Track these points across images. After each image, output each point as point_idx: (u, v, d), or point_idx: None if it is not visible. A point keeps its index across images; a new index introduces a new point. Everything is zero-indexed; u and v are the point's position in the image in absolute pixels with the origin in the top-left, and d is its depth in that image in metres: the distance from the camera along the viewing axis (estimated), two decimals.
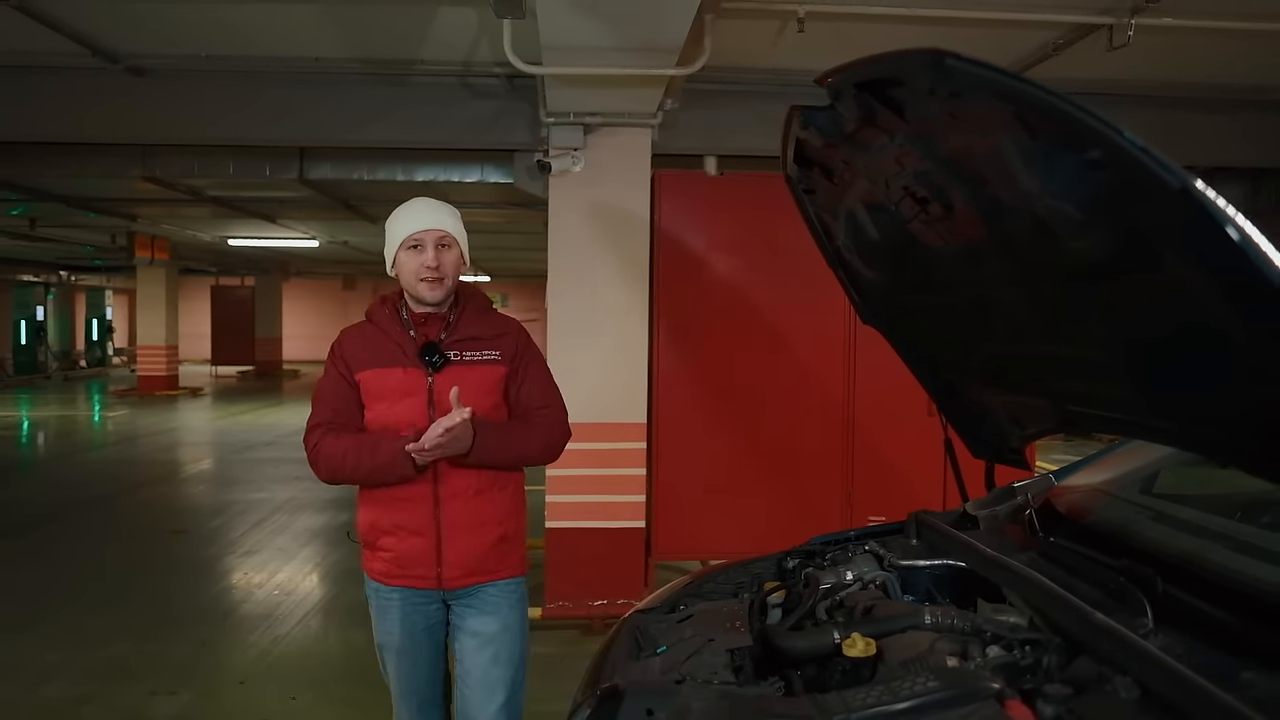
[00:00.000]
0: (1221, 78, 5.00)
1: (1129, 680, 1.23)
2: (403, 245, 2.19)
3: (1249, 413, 1.26)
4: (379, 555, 2.25)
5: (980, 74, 1.12)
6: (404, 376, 2.19)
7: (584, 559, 4.70)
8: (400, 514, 2.19)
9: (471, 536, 2.20)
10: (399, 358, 2.20)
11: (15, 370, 20.81)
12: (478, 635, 2.25)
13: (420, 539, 2.19)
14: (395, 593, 2.24)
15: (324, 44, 4.71)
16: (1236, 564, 1.52)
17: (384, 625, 2.28)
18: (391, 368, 2.19)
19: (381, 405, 2.20)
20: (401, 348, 2.21)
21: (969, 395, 2.13)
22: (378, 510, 2.23)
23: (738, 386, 4.78)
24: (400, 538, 2.20)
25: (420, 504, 2.18)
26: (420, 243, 2.17)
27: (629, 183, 4.70)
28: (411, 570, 2.21)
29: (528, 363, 2.30)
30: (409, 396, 2.18)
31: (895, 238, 1.79)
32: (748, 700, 1.43)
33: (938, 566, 1.89)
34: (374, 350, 2.22)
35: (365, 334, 2.27)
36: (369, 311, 2.32)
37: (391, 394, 2.19)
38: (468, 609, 2.26)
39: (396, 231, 2.21)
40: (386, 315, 2.26)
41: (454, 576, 2.21)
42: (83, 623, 4.63)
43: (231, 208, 9.76)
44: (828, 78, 1.46)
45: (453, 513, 2.19)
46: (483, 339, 2.25)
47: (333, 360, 2.26)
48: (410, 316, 2.24)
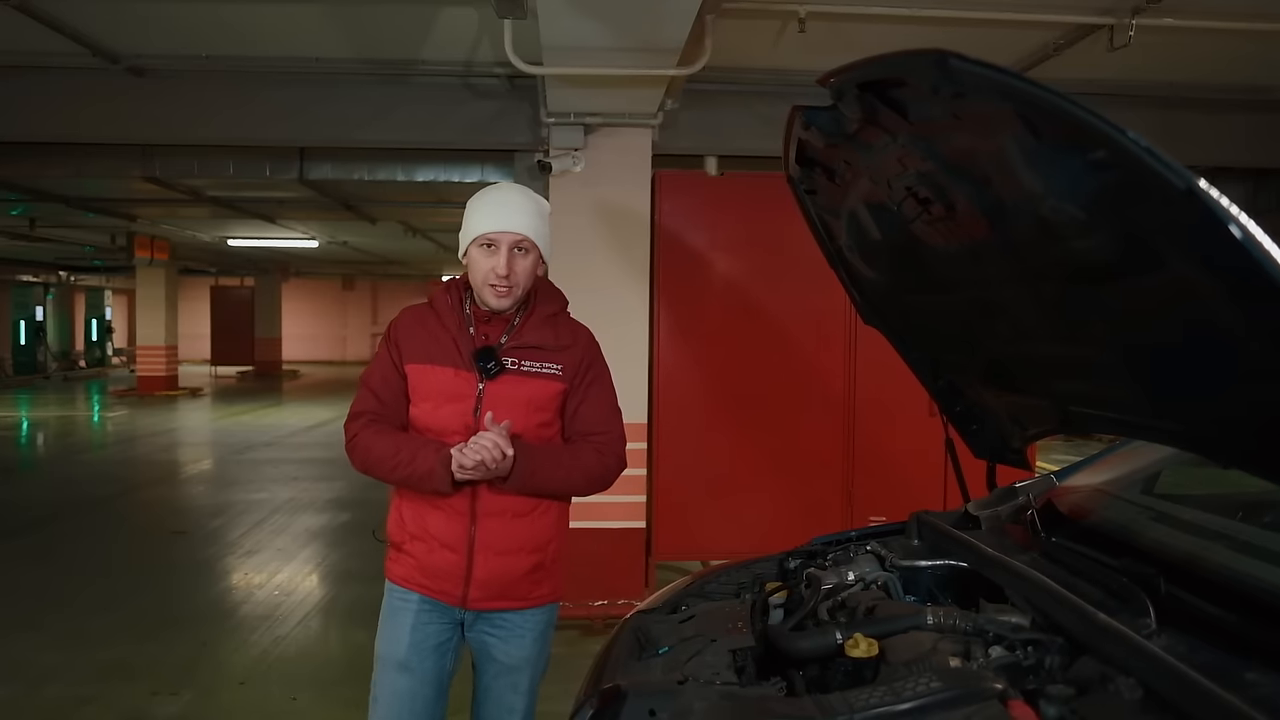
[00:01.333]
0: (1222, 78, 5.00)
1: (1132, 681, 1.23)
2: (476, 240, 1.99)
3: (1251, 413, 1.26)
4: (403, 559, 2.08)
5: (984, 74, 1.12)
6: (454, 378, 2.01)
7: (584, 559, 4.68)
8: (433, 522, 2.03)
9: (504, 560, 2.03)
10: (453, 356, 2.01)
11: (15, 370, 20.81)
12: (500, 662, 2.11)
13: (450, 554, 2.02)
14: (413, 597, 2.07)
15: (324, 44, 4.71)
16: (1239, 564, 1.52)
17: (391, 631, 2.08)
18: (443, 366, 2.01)
19: (425, 405, 2.03)
20: (457, 345, 2.02)
21: (970, 395, 2.12)
22: (411, 511, 2.06)
23: (738, 387, 4.78)
24: (430, 547, 2.03)
25: (456, 517, 2.01)
26: (495, 243, 1.97)
27: (629, 183, 4.70)
28: (435, 583, 2.04)
29: (591, 381, 2.11)
30: (455, 401, 2.00)
31: (897, 238, 1.79)
32: (750, 701, 1.42)
33: (939, 567, 1.89)
34: (428, 342, 2.04)
35: (423, 321, 2.08)
36: (432, 296, 2.12)
37: (437, 395, 2.01)
38: (489, 635, 2.10)
39: (473, 224, 2.01)
40: (448, 305, 2.06)
41: (480, 598, 2.04)
42: (83, 623, 4.63)
43: (231, 208, 9.76)
44: (830, 78, 1.46)
45: (488, 532, 2.01)
46: (546, 349, 2.05)
47: (386, 343, 2.08)
48: (474, 312, 2.06)
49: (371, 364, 2.12)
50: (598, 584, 4.68)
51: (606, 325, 4.64)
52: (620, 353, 4.71)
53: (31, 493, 8.48)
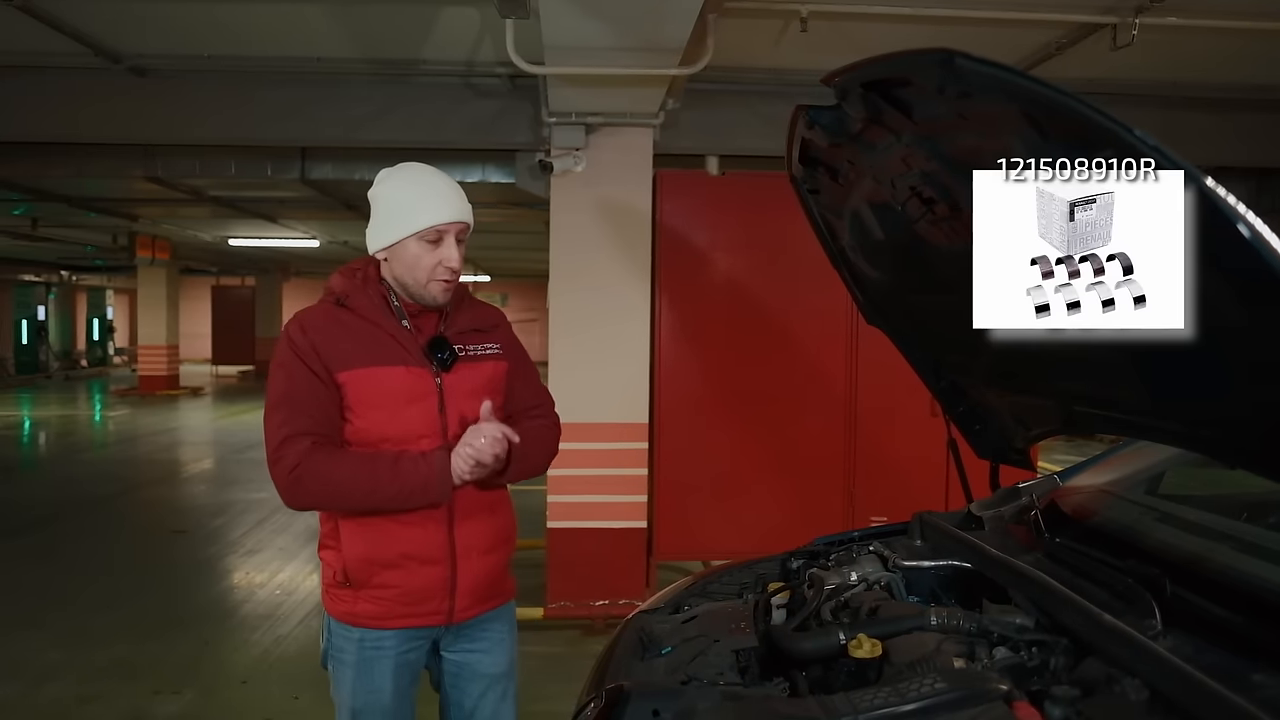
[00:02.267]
0: (1226, 77, 4.99)
1: (1137, 682, 1.23)
2: (418, 234, 1.81)
3: (1256, 413, 1.26)
4: (377, 595, 1.84)
5: (991, 73, 1.12)
6: (407, 377, 1.82)
7: (586, 559, 4.70)
8: (409, 541, 1.82)
9: (487, 559, 1.91)
10: (399, 354, 1.83)
11: (16, 370, 20.82)
12: (485, 676, 1.98)
13: (433, 568, 1.85)
14: (390, 637, 1.86)
15: (326, 44, 4.71)
16: (1244, 565, 1.52)
17: (367, 683, 1.86)
18: (391, 366, 1.81)
19: (378, 413, 1.81)
20: (399, 342, 1.84)
21: (973, 395, 2.12)
22: (373, 543, 1.82)
23: (740, 386, 4.77)
24: (409, 570, 1.83)
25: (433, 527, 1.84)
26: (443, 235, 1.83)
27: (631, 183, 4.69)
28: (419, 608, 1.85)
29: (520, 357, 2.02)
30: (416, 402, 1.83)
31: (900, 238, 1.78)
32: (753, 701, 1.42)
33: (942, 567, 1.88)
34: (361, 344, 1.82)
35: (344, 325, 1.84)
36: (340, 294, 1.87)
37: (393, 399, 1.81)
38: (470, 649, 1.96)
39: (410, 214, 1.82)
40: (372, 302, 1.85)
41: (465, 607, 1.90)
42: (85, 622, 4.63)
43: (232, 208, 9.76)
44: (834, 77, 1.46)
45: (468, 534, 1.87)
46: (483, 330, 1.95)
47: (297, 353, 1.79)
48: (403, 305, 1.87)
49: (282, 380, 1.80)
50: (599, 584, 4.68)
51: (608, 324, 4.71)
52: (621, 352, 4.77)
53: (33, 492, 8.48)
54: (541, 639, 4.36)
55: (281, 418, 1.78)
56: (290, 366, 1.80)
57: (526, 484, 2.34)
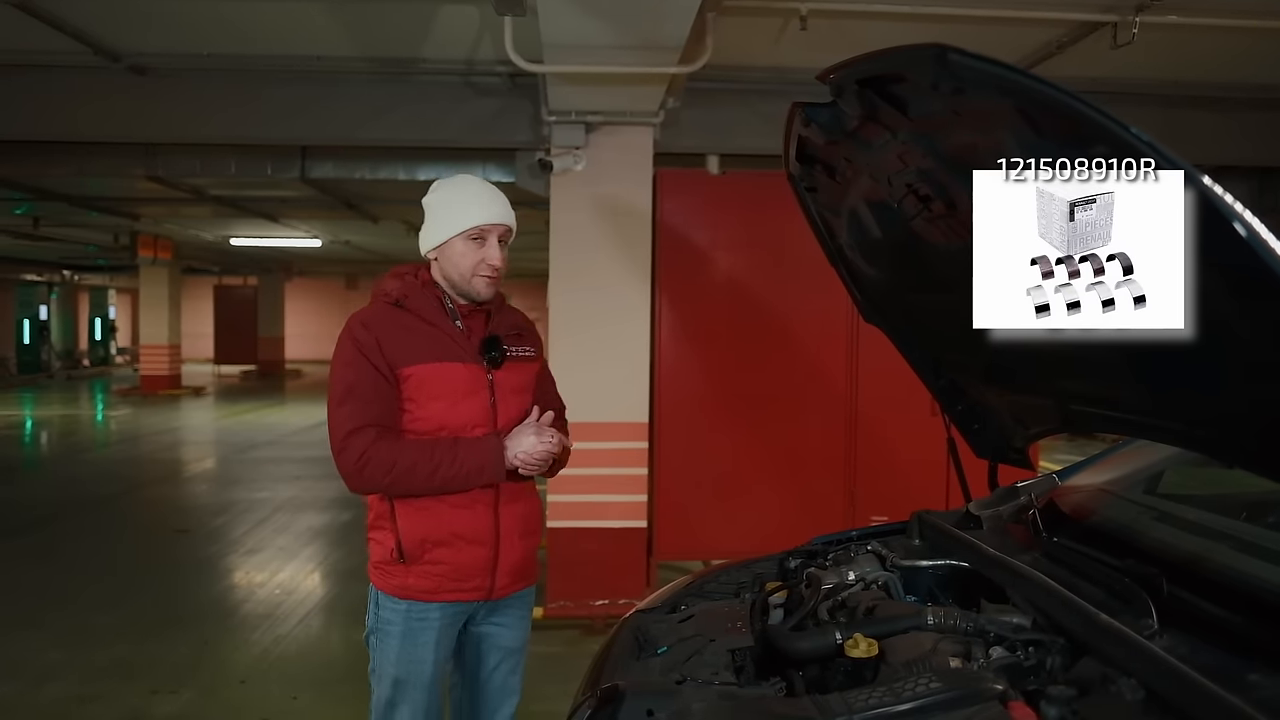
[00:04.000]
0: (1226, 76, 4.98)
1: (1133, 682, 1.22)
2: (463, 234, 2.01)
3: (1254, 412, 1.25)
4: (426, 570, 2.01)
5: (984, 69, 1.11)
6: (465, 373, 2.02)
7: (585, 559, 4.69)
8: (459, 522, 2.01)
9: (525, 542, 2.12)
10: (456, 352, 2.02)
11: (19, 369, 20.85)
12: (503, 648, 2.18)
13: (479, 548, 2.03)
14: (435, 610, 2.03)
15: (326, 42, 4.71)
16: (1241, 564, 1.51)
17: (411, 653, 2.03)
18: (449, 363, 2.00)
19: (438, 404, 2.00)
20: (455, 340, 2.03)
21: (972, 394, 2.11)
22: (430, 521, 2.00)
23: (740, 386, 4.77)
24: (457, 548, 2.01)
25: (481, 510, 2.03)
26: (485, 235, 2.02)
27: (631, 181, 4.69)
28: (464, 583, 2.04)
29: (544, 360, 2.26)
30: (472, 395, 2.02)
31: (898, 235, 1.78)
32: (749, 701, 1.42)
33: (940, 567, 1.88)
34: (423, 342, 2.00)
35: (404, 324, 2.02)
36: (398, 295, 2.05)
37: (453, 393, 2.00)
38: (498, 621, 2.15)
39: (456, 216, 2.02)
40: (428, 304, 2.04)
41: (505, 585, 2.10)
42: (85, 622, 4.63)
43: (234, 207, 9.77)
44: (830, 74, 1.45)
45: (510, 517, 2.08)
46: (523, 333, 2.16)
47: (361, 349, 1.97)
48: (456, 307, 2.07)
49: (348, 375, 1.98)
50: (598, 583, 4.68)
51: (608, 324, 4.70)
52: (621, 351, 4.76)
53: (35, 491, 8.49)
54: (541, 638, 4.30)
55: (348, 411, 1.96)
56: (355, 363, 1.98)
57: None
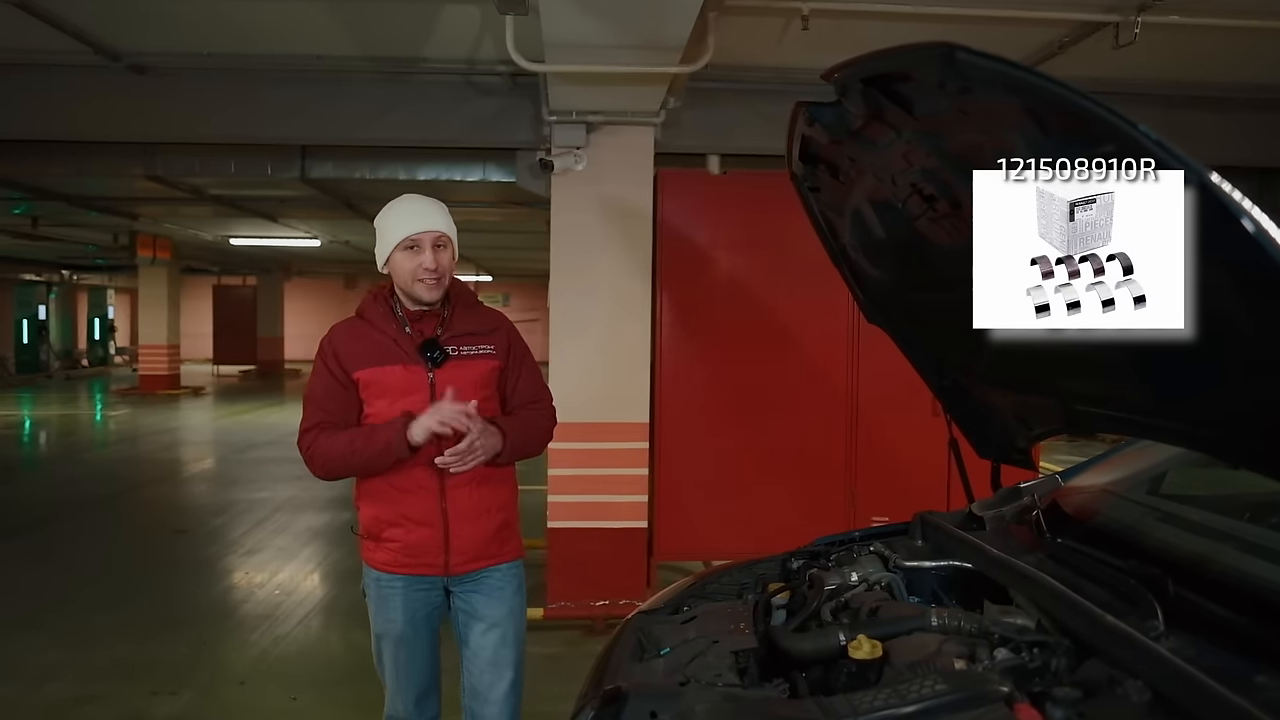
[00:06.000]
0: (1229, 76, 4.97)
1: (1139, 683, 1.21)
2: (399, 245, 2.21)
3: (1259, 411, 1.24)
4: (384, 546, 2.27)
5: (992, 68, 1.11)
6: (404, 373, 2.22)
7: (586, 559, 4.68)
8: (405, 506, 2.23)
9: (477, 524, 2.26)
10: (397, 355, 2.23)
11: (17, 369, 20.82)
12: (485, 619, 2.31)
13: (427, 529, 2.23)
14: (399, 580, 2.27)
15: (326, 42, 4.70)
16: (1247, 566, 1.50)
17: (384, 614, 2.30)
18: (391, 365, 2.22)
19: (382, 403, 2.22)
20: (399, 344, 2.24)
21: (975, 395, 2.11)
22: (380, 505, 2.26)
23: (741, 386, 4.76)
24: (407, 529, 2.23)
25: (425, 495, 2.22)
26: (418, 244, 2.20)
27: (632, 182, 4.68)
28: (419, 559, 2.25)
29: (520, 358, 2.37)
30: (410, 394, 2.21)
31: (901, 235, 1.77)
32: (752, 702, 1.41)
33: (943, 568, 1.87)
34: (370, 348, 2.24)
35: (358, 331, 2.28)
36: (361, 308, 2.33)
37: (392, 391, 2.22)
38: (473, 594, 2.31)
39: (392, 231, 2.23)
40: (380, 313, 2.28)
41: (460, 563, 2.26)
42: (84, 622, 4.62)
43: (233, 207, 9.76)
44: (834, 73, 1.45)
45: (458, 502, 2.23)
46: (477, 334, 2.30)
47: (323, 359, 2.27)
48: (405, 314, 2.27)
49: (311, 382, 2.29)
50: (599, 584, 4.66)
51: (608, 324, 4.70)
52: (622, 351, 4.75)
53: (33, 491, 8.48)
54: (541, 639, 4.33)
55: (305, 413, 2.27)
56: (317, 371, 2.29)
57: (527, 484, 2.40)
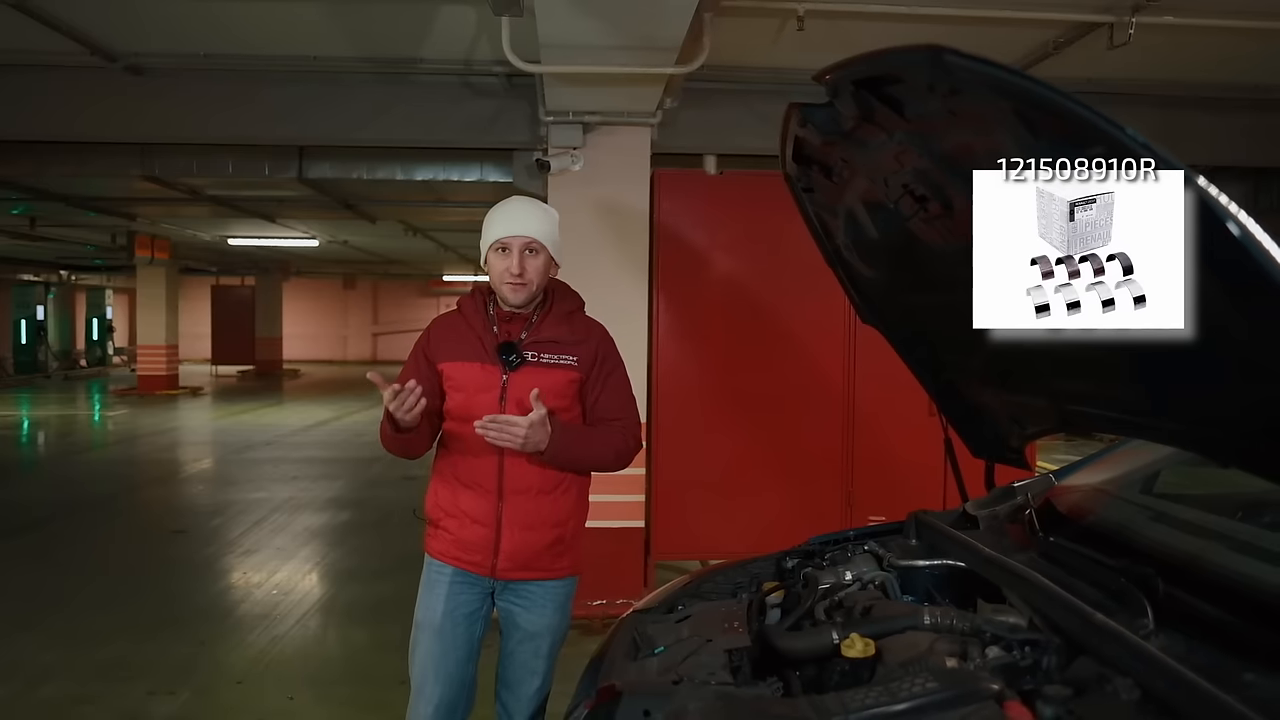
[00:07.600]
0: (1223, 77, 4.99)
1: (1129, 681, 1.22)
2: (492, 246, 2.25)
3: (1250, 412, 1.25)
4: (440, 534, 2.32)
5: (980, 70, 1.11)
6: (480, 372, 2.25)
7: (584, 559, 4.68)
8: (465, 500, 2.27)
9: (529, 534, 2.26)
10: (478, 352, 2.26)
11: (15, 369, 20.79)
12: (524, 629, 2.33)
13: (481, 528, 2.25)
14: (447, 569, 2.30)
15: (323, 43, 4.70)
16: (1238, 564, 1.51)
17: (428, 600, 2.32)
18: (470, 361, 2.26)
19: (459, 396, 2.28)
20: (482, 342, 2.27)
21: (969, 395, 2.12)
22: (446, 490, 2.30)
23: (737, 386, 4.77)
24: (462, 523, 2.27)
25: (485, 495, 2.25)
26: (507, 246, 2.23)
27: (628, 182, 4.69)
28: (467, 555, 2.28)
29: (608, 373, 2.35)
30: (483, 392, 2.24)
31: (894, 236, 1.78)
32: (745, 701, 1.42)
33: (937, 567, 1.88)
34: (457, 342, 2.30)
35: (452, 325, 2.34)
36: (460, 302, 2.39)
37: (468, 387, 2.26)
38: (514, 605, 2.32)
39: (488, 232, 2.28)
40: (473, 309, 2.33)
41: (508, 568, 2.27)
42: (81, 622, 4.62)
43: (231, 207, 9.75)
44: (826, 74, 1.46)
45: (514, 508, 2.24)
46: (562, 343, 2.29)
47: (418, 346, 2.36)
48: (496, 313, 2.31)
49: (406, 363, 2.37)
50: (596, 583, 4.66)
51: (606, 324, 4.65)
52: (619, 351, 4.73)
53: (31, 492, 8.47)
54: None
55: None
56: (413, 353, 2.37)
57: None
